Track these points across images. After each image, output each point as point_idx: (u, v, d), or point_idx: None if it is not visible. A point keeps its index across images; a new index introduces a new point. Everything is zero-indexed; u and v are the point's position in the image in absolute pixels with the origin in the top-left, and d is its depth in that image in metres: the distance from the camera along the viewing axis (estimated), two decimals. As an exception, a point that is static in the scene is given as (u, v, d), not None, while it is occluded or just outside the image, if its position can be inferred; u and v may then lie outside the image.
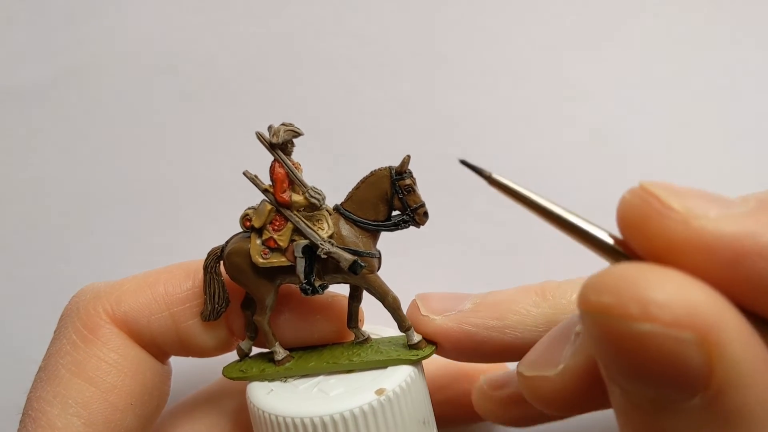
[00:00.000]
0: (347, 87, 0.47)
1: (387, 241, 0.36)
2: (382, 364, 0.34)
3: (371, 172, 0.35)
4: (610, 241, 0.24)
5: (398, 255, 0.38)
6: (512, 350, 0.34)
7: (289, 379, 0.35)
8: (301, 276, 0.34)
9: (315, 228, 0.34)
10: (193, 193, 0.50)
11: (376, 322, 0.38)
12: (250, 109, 0.49)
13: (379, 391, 0.32)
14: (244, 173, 0.35)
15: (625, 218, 0.23)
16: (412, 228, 0.35)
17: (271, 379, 0.35)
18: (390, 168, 0.34)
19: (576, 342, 0.27)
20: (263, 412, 0.32)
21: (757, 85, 0.47)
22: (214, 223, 0.48)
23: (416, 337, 0.35)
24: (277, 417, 0.32)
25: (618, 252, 0.24)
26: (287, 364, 0.35)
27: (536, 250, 0.48)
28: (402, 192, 0.34)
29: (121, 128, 0.49)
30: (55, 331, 0.36)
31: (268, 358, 0.36)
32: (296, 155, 0.35)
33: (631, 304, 0.20)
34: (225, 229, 0.37)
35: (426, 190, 0.35)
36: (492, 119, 0.49)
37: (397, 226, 0.35)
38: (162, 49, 0.49)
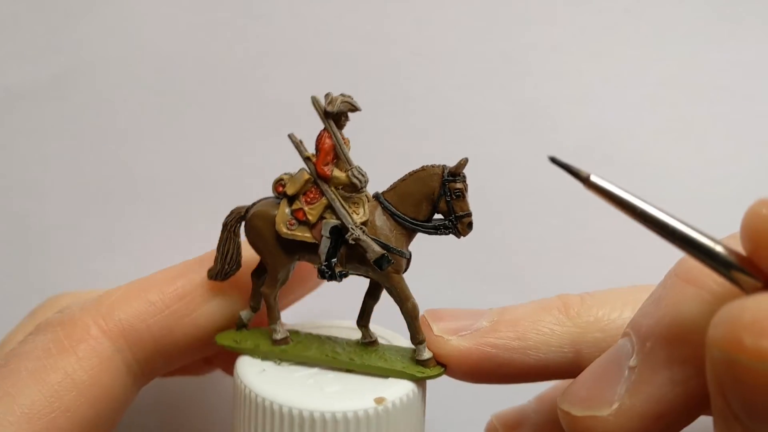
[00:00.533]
0: (349, 87, 0.46)
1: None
2: (383, 373, 0.31)
3: (422, 167, 0.32)
4: (733, 259, 0.21)
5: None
6: (533, 373, 0.31)
7: (283, 362, 0.32)
8: (323, 257, 0.32)
9: (350, 210, 0.32)
10: (194, 193, 0.48)
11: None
12: (250, 108, 0.48)
13: (379, 400, 0.29)
14: (289, 136, 0.33)
15: (756, 234, 0.20)
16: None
17: (264, 358, 0.33)
18: (444, 167, 0.32)
19: (632, 377, 0.25)
20: (251, 392, 0.30)
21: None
22: (214, 223, 0.47)
23: (426, 354, 0.32)
24: (264, 400, 0.29)
25: (740, 270, 0.21)
26: (284, 346, 0.33)
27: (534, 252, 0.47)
28: (451, 195, 0.31)
29: (121, 128, 0.48)
30: (28, 335, 0.33)
31: (266, 334, 0.34)
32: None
33: None
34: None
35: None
36: (499, 120, 0.47)
37: (437, 230, 0.32)
38: (162, 49, 0.47)
